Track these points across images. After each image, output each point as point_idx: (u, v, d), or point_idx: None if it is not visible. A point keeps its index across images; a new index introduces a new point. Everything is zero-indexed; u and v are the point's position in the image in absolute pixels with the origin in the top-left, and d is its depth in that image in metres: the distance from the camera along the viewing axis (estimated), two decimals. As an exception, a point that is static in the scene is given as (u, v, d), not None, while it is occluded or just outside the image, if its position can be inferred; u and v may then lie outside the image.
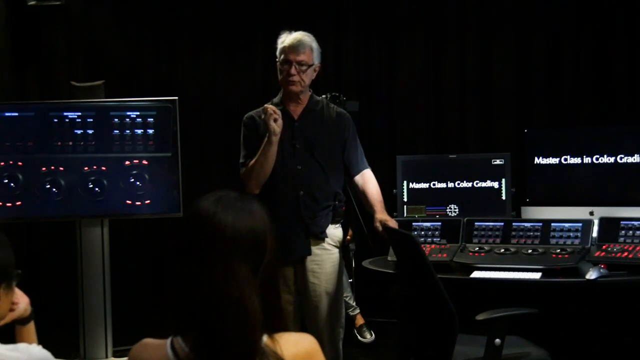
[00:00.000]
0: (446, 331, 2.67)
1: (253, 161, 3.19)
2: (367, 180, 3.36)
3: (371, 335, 4.76)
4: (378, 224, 3.21)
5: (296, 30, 3.27)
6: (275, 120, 3.08)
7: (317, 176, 3.23)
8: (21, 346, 1.70)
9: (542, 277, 3.11)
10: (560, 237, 3.30)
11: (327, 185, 3.25)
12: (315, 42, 3.26)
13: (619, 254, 3.15)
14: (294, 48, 3.19)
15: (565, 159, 3.80)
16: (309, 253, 3.21)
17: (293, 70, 3.19)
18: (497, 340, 2.73)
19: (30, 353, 1.68)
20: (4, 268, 1.71)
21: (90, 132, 4.33)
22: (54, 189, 4.28)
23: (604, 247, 3.22)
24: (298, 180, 3.20)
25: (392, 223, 3.22)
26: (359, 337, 4.74)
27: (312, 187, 3.21)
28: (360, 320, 4.79)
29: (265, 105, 3.16)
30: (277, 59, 3.27)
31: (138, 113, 4.34)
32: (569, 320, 3.44)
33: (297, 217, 3.19)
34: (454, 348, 2.68)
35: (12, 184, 4.26)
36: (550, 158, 3.82)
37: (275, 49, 3.28)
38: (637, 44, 4.87)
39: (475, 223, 3.49)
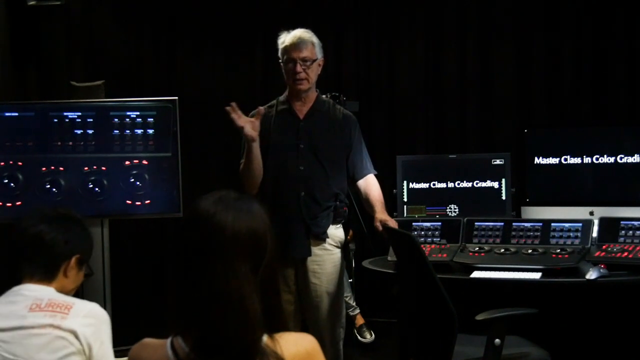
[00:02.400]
0: (446, 331, 2.67)
1: (242, 165, 3.19)
2: (370, 184, 3.36)
3: (371, 335, 4.76)
4: (378, 224, 3.21)
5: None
6: (244, 125, 3.02)
7: (318, 177, 3.23)
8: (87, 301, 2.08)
9: (542, 277, 3.11)
10: (560, 237, 3.30)
11: (328, 187, 3.25)
12: (315, 37, 3.26)
13: (619, 254, 3.15)
14: (295, 46, 3.18)
15: (565, 159, 3.80)
16: (310, 254, 3.21)
17: (298, 68, 3.18)
18: (497, 341, 2.73)
19: (95, 305, 2.05)
20: (82, 245, 2.19)
21: (90, 132, 4.33)
22: (54, 189, 4.28)
23: (604, 247, 3.22)
24: (300, 181, 3.20)
25: (392, 223, 3.22)
26: (359, 337, 4.75)
27: (313, 188, 3.21)
28: (360, 320, 4.80)
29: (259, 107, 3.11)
30: (280, 60, 3.27)
31: (138, 113, 4.34)
32: (569, 320, 3.44)
33: (298, 217, 3.19)
34: (453, 348, 2.68)
35: (12, 184, 4.25)
36: (550, 158, 3.82)
37: (276, 49, 3.28)
38: (637, 44, 4.88)
39: (475, 223, 3.49)
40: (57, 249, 2.11)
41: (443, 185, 3.92)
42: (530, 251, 3.26)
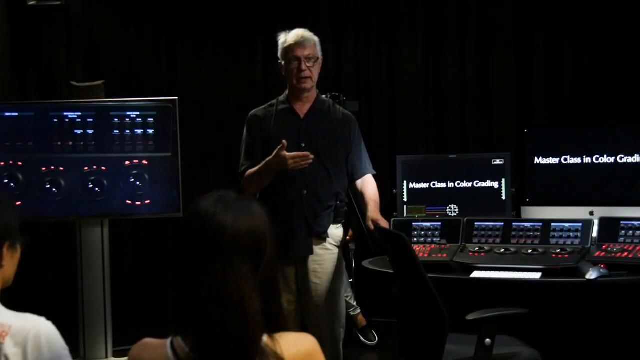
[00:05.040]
0: (437, 331, 2.67)
1: (254, 171, 3.19)
2: (367, 183, 3.37)
3: (375, 337, 4.74)
4: (370, 223, 3.21)
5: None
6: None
7: (321, 176, 3.23)
8: (30, 316, 1.69)
9: (542, 277, 3.11)
10: (560, 237, 3.30)
11: (330, 186, 3.25)
12: (315, 36, 3.27)
13: (619, 254, 3.15)
14: (299, 44, 3.19)
15: (565, 159, 3.80)
16: (311, 252, 3.21)
17: (304, 66, 3.19)
18: (488, 340, 2.72)
19: (38, 325, 1.66)
20: (6, 227, 1.73)
21: (90, 132, 4.33)
22: (54, 189, 4.28)
23: (604, 247, 3.22)
24: (302, 180, 3.20)
25: (384, 223, 3.22)
26: (362, 339, 4.72)
27: (315, 187, 3.21)
28: (363, 322, 4.77)
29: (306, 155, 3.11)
30: (280, 60, 3.27)
31: (138, 113, 4.34)
32: (569, 320, 3.44)
33: (300, 216, 3.19)
34: (444, 347, 2.68)
35: (12, 184, 4.26)
36: (550, 158, 3.82)
37: (276, 49, 3.27)
38: (637, 44, 4.87)
39: (475, 223, 3.49)
40: None
41: (443, 185, 3.92)
42: (530, 251, 3.26)
